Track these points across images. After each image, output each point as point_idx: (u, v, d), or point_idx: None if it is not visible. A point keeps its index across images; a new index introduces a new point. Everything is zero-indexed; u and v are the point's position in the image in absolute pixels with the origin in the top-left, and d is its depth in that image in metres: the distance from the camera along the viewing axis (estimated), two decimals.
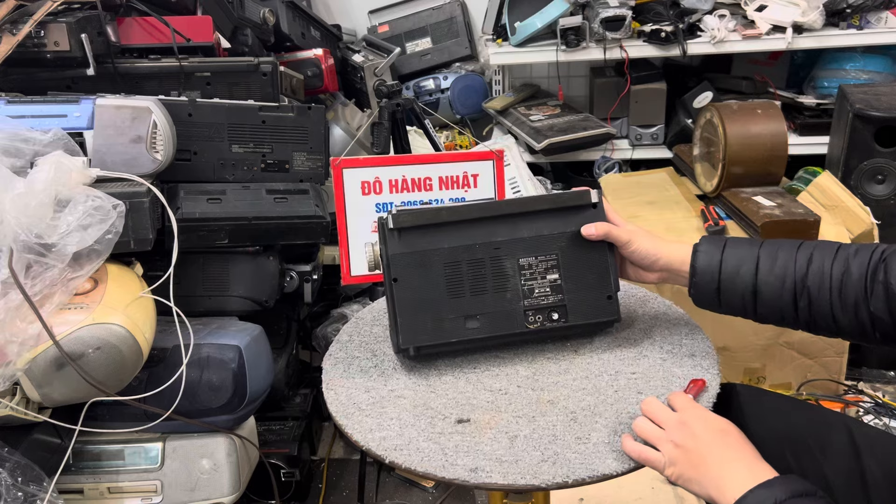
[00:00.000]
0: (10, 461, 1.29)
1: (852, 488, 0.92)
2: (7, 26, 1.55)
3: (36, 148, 1.42)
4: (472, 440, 0.91)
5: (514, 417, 0.94)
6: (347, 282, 1.76)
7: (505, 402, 0.98)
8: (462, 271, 1.04)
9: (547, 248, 1.05)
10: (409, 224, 1.03)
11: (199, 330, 1.54)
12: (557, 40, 2.33)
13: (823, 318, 0.93)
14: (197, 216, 1.61)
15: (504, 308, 1.04)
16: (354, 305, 2.12)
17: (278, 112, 1.72)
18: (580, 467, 0.85)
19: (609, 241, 1.04)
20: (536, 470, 0.85)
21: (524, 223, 1.05)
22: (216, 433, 1.56)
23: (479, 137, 2.75)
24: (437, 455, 0.89)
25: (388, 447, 0.91)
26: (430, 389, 1.02)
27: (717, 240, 1.00)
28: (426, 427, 0.94)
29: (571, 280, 1.05)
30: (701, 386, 0.96)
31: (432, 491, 1.86)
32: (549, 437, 0.90)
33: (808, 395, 1.94)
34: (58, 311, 1.31)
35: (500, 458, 0.87)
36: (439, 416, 0.96)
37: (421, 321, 1.03)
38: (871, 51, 2.36)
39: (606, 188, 2.33)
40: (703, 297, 1.00)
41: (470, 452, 0.89)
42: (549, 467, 0.85)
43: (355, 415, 0.98)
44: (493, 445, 0.89)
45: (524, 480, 0.84)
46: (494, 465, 0.86)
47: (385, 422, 0.95)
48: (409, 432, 0.93)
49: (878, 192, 2.03)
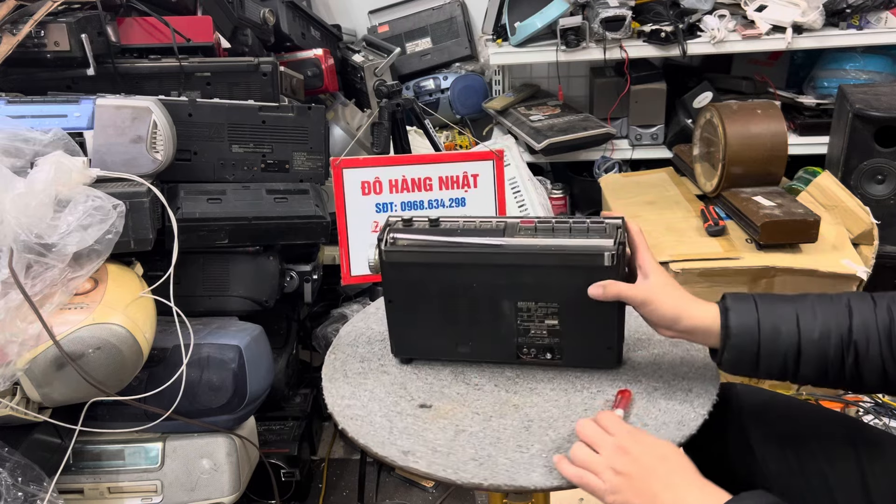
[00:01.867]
0: (10, 461, 1.29)
1: (852, 488, 0.92)
2: (7, 26, 1.55)
3: (36, 148, 1.42)
4: (421, 425, 0.95)
5: (472, 413, 0.97)
6: (347, 282, 1.76)
7: (473, 397, 1.00)
8: (457, 305, 1.02)
9: (549, 296, 0.98)
10: (400, 260, 1.01)
11: (199, 330, 1.54)
12: (557, 40, 2.33)
13: (872, 372, 0.86)
14: (197, 216, 1.61)
15: (497, 339, 1.03)
16: (354, 305, 2.12)
17: (278, 112, 1.72)
18: (503, 474, 0.85)
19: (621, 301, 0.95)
20: (461, 466, 0.87)
21: (528, 270, 0.98)
22: (216, 433, 1.56)
23: (479, 137, 2.75)
24: (382, 432, 0.94)
25: (348, 415, 0.97)
26: (414, 371, 1.07)
27: (744, 297, 0.91)
28: (390, 405, 0.99)
29: (571, 327, 1.00)
30: (628, 397, 0.95)
31: (432, 491, 1.86)
32: (493, 439, 0.91)
33: (808, 395, 1.94)
34: (58, 311, 1.31)
35: (435, 447, 0.90)
36: (406, 398, 1.01)
37: (412, 339, 1.07)
38: (871, 51, 2.36)
39: (606, 188, 2.33)
40: (739, 362, 0.89)
41: (413, 436, 0.93)
42: (474, 466, 0.87)
43: (339, 380, 1.05)
44: (437, 434, 0.93)
45: (444, 473, 0.86)
46: (426, 453, 0.89)
47: (359, 392, 1.02)
48: (372, 406, 0.99)
49: (878, 192, 2.03)
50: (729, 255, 1.81)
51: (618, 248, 0.94)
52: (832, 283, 1.81)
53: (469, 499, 1.84)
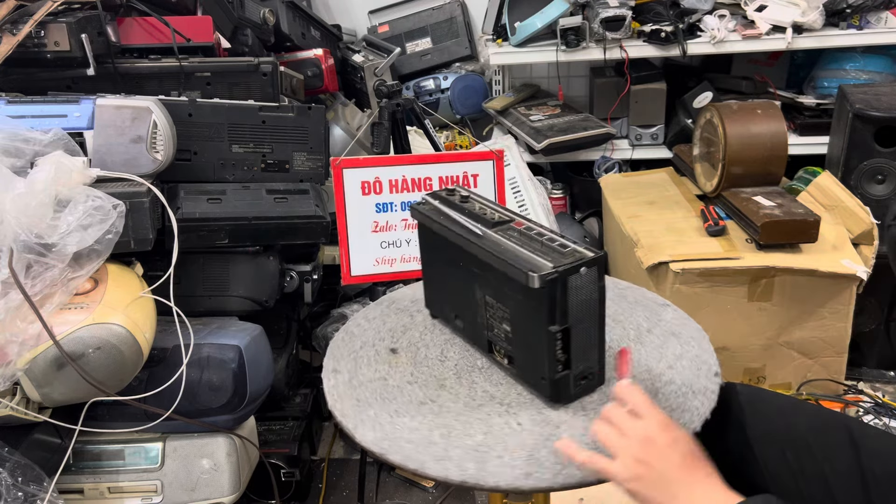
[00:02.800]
0: (10, 461, 1.29)
1: (852, 488, 0.92)
2: (7, 26, 1.55)
3: (36, 148, 1.42)
4: (382, 369, 1.06)
5: (430, 378, 1.04)
6: (347, 282, 1.76)
7: (439, 366, 1.07)
8: (452, 277, 1.08)
9: (503, 299, 0.97)
10: (421, 221, 1.12)
11: (199, 330, 1.54)
12: (557, 40, 2.33)
13: None
14: (197, 216, 1.61)
15: (475, 326, 1.06)
16: (354, 305, 2.12)
17: (278, 112, 1.72)
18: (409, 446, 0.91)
19: None
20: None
21: (490, 268, 0.96)
22: (216, 433, 1.56)
23: (479, 137, 2.75)
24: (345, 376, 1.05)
25: (334, 356, 1.11)
26: (409, 332, 1.17)
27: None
28: (367, 355, 1.10)
29: (519, 339, 0.97)
30: (627, 358, 0.93)
31: (432, 491, 1.86)
32: (435, 411, 0.97)
33: (808, 395, 1.94)
34: (58, 311, 1.31)
35: (381, 396, 1.00)
36: (385, 349, 1.12)
37: (434, 296, 1.17)
38: (871, 51, 2.36)
39: (606, 188, 2.33)
40: None
41: (368, 388, 1.02)
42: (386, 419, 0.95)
43: (342, 336, 1.17)
44: (384, 384, 1.03)
45: (359, 430, 0.94)
46: (373, 400, 1.00)
47: (355, 345, 1.13)
48: (360, 353, 1.11)
49: (878, 192, 2.03)
50: (729, 255, 1.81)
51: (556, 274, 0.87)
52: (832, 283, 1.81)
53: (469, 498, 1.84)
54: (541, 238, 0.95)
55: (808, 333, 1.88)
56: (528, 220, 1.02)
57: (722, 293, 1.82)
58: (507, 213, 1.04)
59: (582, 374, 0.95)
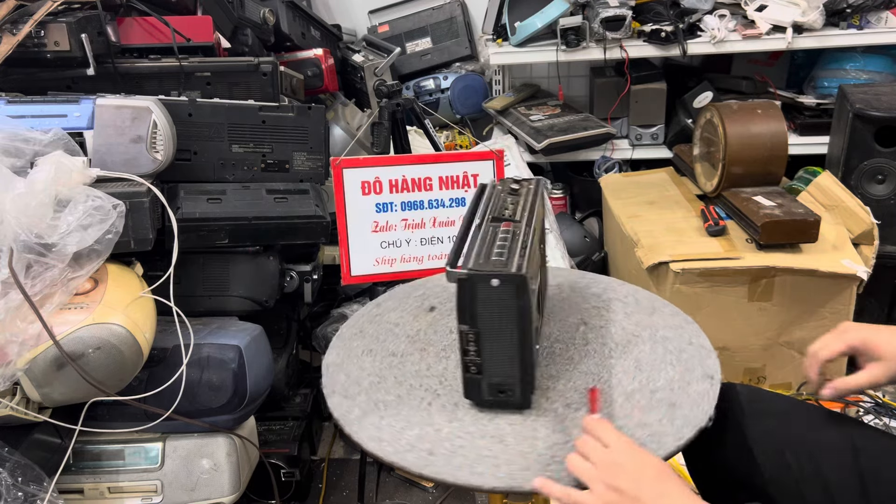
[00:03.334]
0: (10, 461, 1.29)
1: (852, 488, 0.92)
2: (7, 26, 1.55)
3: (36, 148, 1.42)
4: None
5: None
6: (347, 282, 1.76)
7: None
8: None
9: None
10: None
11: (199, 330, 1.54)
12: (557, 40, 2.33)
13: None
14: (197, 216, 1.61)
15: None
16: (354, 305, 2.12)
17: (278, 112, 1.72)
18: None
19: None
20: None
21: None
22: (216, 433, 1.56)
23: (479, 137, 2.75)
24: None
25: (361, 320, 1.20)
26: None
27: None
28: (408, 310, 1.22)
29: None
30: (596, 396, 0.94)
31: (432, 491, 1.86)
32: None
33: (808, 395, 1.94)
34: (58, 311, 1.31)
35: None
36: (424, 308, 1.22)
37: None
38: (871, 51, 2.36)
39: (606, 188, 2.33)
40: None
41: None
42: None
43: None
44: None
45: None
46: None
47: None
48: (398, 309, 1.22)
49: (878, 192, 2.03)
50: (729, 255, 1.81)
51: (466, 276, 0.88)
52: (832, 283, 1.81)
53: (469, 499, 1.84)
54: (508, 242, 0.94)
55: (809, 333, 1.88)
56: (526, 222, 1.01)
57: (722, 293, 1.82)
58: (517, 211, 1.02)
59: (498, 387, 0.94)
